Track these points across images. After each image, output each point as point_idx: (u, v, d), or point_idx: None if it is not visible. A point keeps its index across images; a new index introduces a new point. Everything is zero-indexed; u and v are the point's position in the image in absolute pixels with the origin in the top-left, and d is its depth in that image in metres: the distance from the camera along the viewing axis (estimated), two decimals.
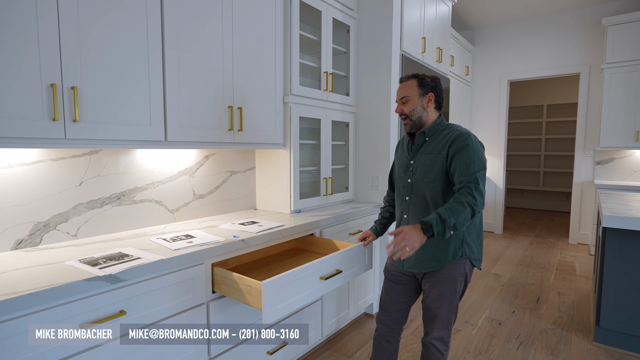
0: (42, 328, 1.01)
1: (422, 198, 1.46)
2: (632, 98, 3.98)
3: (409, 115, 1.48)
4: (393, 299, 1.60)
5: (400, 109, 1.50)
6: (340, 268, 1.56)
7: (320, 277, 1.47)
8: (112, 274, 1.14)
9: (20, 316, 0.98)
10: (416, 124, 1.48)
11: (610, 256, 2.16)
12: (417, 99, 1.46)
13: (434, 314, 1.47)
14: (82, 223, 1.58)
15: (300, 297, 1.38)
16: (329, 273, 1.51)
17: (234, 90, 1.84)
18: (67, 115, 1.25)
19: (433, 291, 1.46)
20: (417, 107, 1.46)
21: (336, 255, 1.54)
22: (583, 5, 4.40)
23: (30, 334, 0.99)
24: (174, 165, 1.91)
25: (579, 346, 2.24)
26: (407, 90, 1.48)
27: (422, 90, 1.46)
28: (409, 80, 1.49)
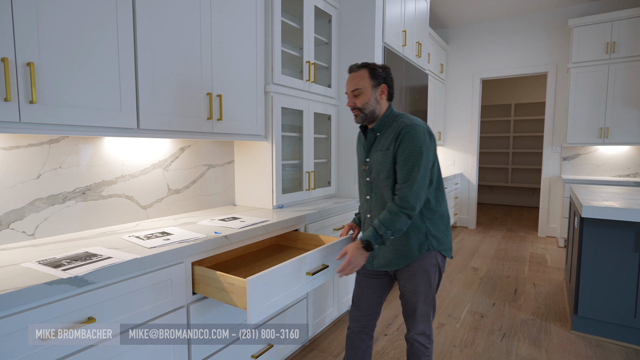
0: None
1: (381, 196, 1.40)
2: (596, 97, 4.16)
3: (362, 108, 1.38)
4: (365, 293, 1.54)
5: (353, 102, 1.39)
6: (327, 263, 1.48)
7: (307, 273, 1.38)
8: (79, 276, 1.00)
9: None
10: (368, 117, 1.40)
11: (587, 246, 2.22)
12: (370, 91, 1.37)
13: (412, 308, 1.43)
14: (40, 221, 1.40)
15: (287, 295, 1.28)
16: (316, 268, 1.42)
17: (212, 77, 1.71)
18: (22, 96, 1.09)
19: (408, 286, 1.42)
20: (371, 100, 1.37)
21: (322, 250, 1.45)
22: (550, 7, 4.57)
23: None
24: (146, 157, 1.76)
25: (559, 335, 2.28)
26: (358, 81, 1.38)
27: (375, 81, 1.37)
28: (359, 71, 1.39)
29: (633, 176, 4.29)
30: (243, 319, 1.56)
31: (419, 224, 1.37)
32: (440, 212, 1.40)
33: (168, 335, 1.27)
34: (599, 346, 2.15)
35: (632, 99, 4.00)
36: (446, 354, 2.07)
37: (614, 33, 4.03)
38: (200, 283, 1.34)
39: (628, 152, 4.31)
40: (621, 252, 2.13)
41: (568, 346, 2.16)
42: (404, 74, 2.93)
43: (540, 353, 2.08)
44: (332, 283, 2.23)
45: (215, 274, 1.27)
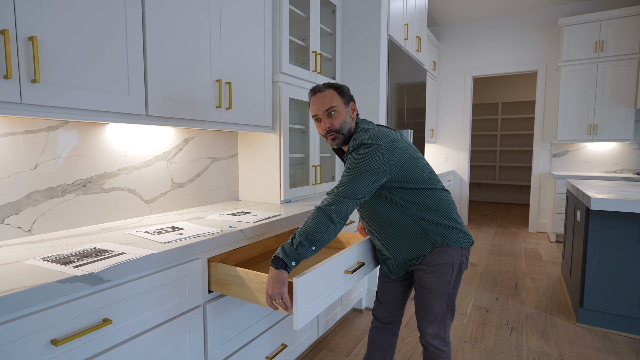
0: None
1: (365, 212, 1.35)
2: (586, 94, 4.26)
3: (339, 130, 1.28)
4: (388, 289, 1.48)
5: (329, 123, 1.27)
6: (363, 260, 1.41)
7: (345, 271, 1.29)
8: (94, 273, 0.89)
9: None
10: (346, 138, 1.30)
11: (593, 238, 2.23)
12: (344, 108, 1.29)
13: (425, 309, 1.34)
14: (38, 215, 1.27)
15: (329, 295, 1.19)
16: (353, 266, 1.34)
17: (221, 63, 1.61)
18: (23, 74, 0.97)
19: (422, 284, 1.33)
20: (347, 119, 1.29)
21: (357, 247, 1.36)
22: (541, 7, 4.65)
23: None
24: (150, 149, 1.64)
25: (565, 328, 2.29)
26: (331, 100, 1.27)
27: (344, 99, 1.30)
28: (326, 90, 1.29)
29: (620, 172, 4.41)
30: (258, 318, 1.48)
31: (409, 226, 1.27)
32: (434, 207, 1.27)
33: (185, 338, 1.17)
34: (606, 338, 2.16)
35: (620, 97, 4.11)
36: (458, 350, 2.04)
37: (602, 32, 4.13)
38: (220, 281, 1.25)
39: (615, 149, 4.42)
40: (626, 244, 2.15)
41: (575, 338, 2.16)
42: (405, 69, 2.89)
43: (550, 346, 2.08)
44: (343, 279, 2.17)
45: (245, 272, 1.18)
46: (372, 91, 2.44)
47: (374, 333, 1.54)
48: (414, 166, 1.25)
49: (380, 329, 1.52)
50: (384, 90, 2.48)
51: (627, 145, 4.35)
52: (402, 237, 1.29)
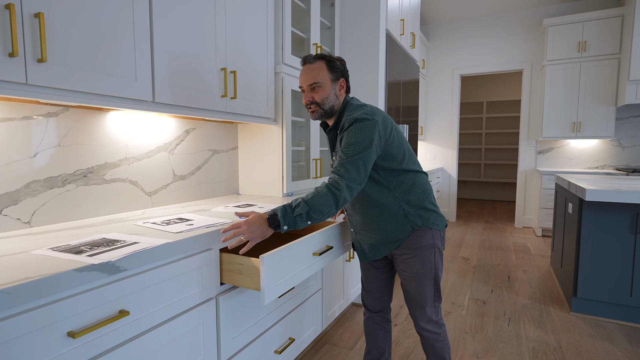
0: (15, 342, 0.70)
1: None
2: (569, 93, 4.39)
3: (320, 104, 1.28)
4: (372, 276, 1.49)
5: (310, 97, 1.28)
6: (331, 244, 1.42)
7: (314, 254, 1.31)
8: (111, 262, 0.85)
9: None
10: (327, 113, 1.30)
11: (586, 230, 2.29)
12: (330, 85, 1.28)
13: (414, 294, 1.34)
14: (37, 207, 1.20)
15: (296, 275, 1.21)
16: (322, 249, 1.36)
17: (226, 52, 1.57)
18: (29, 52, 0.92)
19: (407, 270, 1.33)
20: (330, 95, 1.28)
21: (327, 231, 1.39)
22: (526, 7, 4.77)
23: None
24: (151, 139, 1.59)
25: (560, 317, 2.35)
26: (317, 75, 1.27)
27: (333, 75, 1.28)
28: (316, 62, 1.28)
29: (602, 168, 4.57)
30: (266, 312, 1.45)
31: (392, 208, 1.28)
32: (416, 191, 1.29)
33: (199, 331, 1.13)
34: (599, 325, 2.23)
35: (601, 96, 4.26)
36: (460, 341, 2.06)
37: (585, 33, 4.27)
38: (232, 272, 1.21)
39: (597, 146, 4.58)
40: (618, 234, 2.22)
41: (571, 327, 2.22)
42: (401, 65, 2.91)
43: (547, 334, 2.12)
44: (343, 275, 2.15)
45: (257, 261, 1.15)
46: (371, 83, 2.44)
47: (368, 325, 1.56)
48: (399, 146, 1.27)
49: (372, 319, 1.54)
50: (382, 83, 2.48)
51: (608, 142, 4.51)
52: (384, 218, 1.29)
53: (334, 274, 2.04)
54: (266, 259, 1.05)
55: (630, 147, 4.41)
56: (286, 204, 1.14)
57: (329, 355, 1.92)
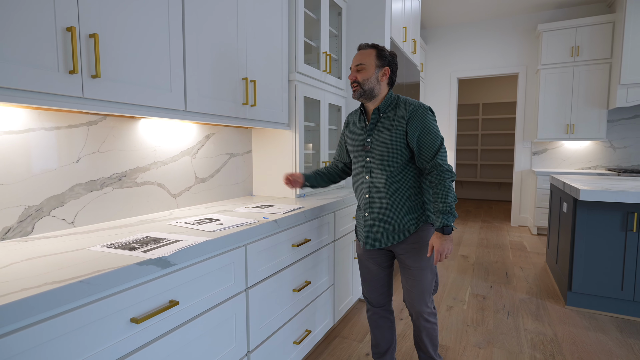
0: (91, 325, 0.80)
1: (382, 175, 1.42)
2: (563, 96, 4.55)
3: (361, 83, 1.41)
4: (372, 271, 1.57)
5: (354, 76, 1.42)
6: (309, 237, 1.63)
7: (292, 245, 1.55)
8: (164, 257, 0.95)
9: (66, 311, 0.76)
10: (366, 94, 1.42)
11: (580, 227, 2.43)
12: (373, 69, 1.40)
13: (420, 288, 1.45)
14: (79, 208, 1.31)
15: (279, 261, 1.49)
16: (299, 241, 1.59)
17: (247, 63, 1.68)
18: (85, 69, 1.02)
19: (413, 263, 1.44)
20: (372, 78, 1.40)
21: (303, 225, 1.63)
22: (522, 13, 4.92)
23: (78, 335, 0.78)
24: (176, 144, 1.69)
25: (555, 310, 2.48)
26: (364, 58, 1.41)
27: (380, 62, 1.41)
28: (367, 49, 1.43)
29: (594, 168, 4.73)
30: (286, 305, 1.56)
31: (417, 197, 1.42)
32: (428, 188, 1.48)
33: (232, 321, 1.24)
34: (592, 317, 2.37)
35: (593, 99, 4.42)
36: (463, 333, 2.18)
37: (578, 38, 4.43)
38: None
39: (590, 147, 4.74)
40: (609, 232, 2.36)
41: (566, 319, 2.35)
42: (403, 70, 3.03)
43: (544, 326, 2.26)
44: (352, 271, 2.27)
45: None
46: None
47: (375, 319, 1.63)
48: None
49: (377, 313, 1.62)
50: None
51: (600, 144, 4.68)
52: (407, 206, 1.42)
53: (345, 271, 2.15)
54: (250, 247, 1.17)
55: (622, 149, 4.57)
56: (438, 215, 1.34)
57: (340, 347, 2.03)
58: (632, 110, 4.48)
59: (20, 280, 0.77)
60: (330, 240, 1.96)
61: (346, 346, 2.04)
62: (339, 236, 2.07)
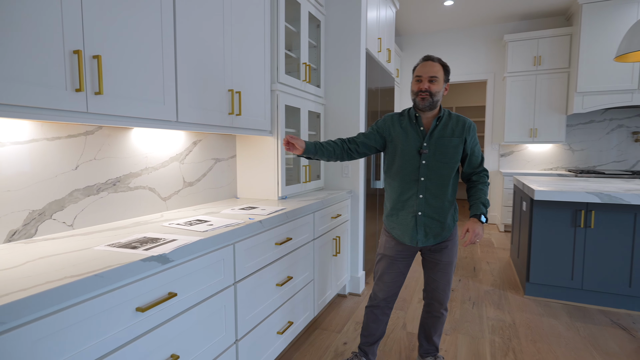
0: (103, 313, 0.93)
1: (439, 177, 1.59)
2: (527, 101, 4.88)
3: (433, 94, 1.54)
4: (400, 268, 1.70)
5: (428, 86, 1.54)
6: (290, 236, 1.80)
7: (276, 243, 1.70)
8: (165, 254, 1.09)
9: (83, 301, 0.89)
10: (433, 104, 1.57)
11: (536, 224, 2.69)
12: (442, 83, 1.56)
13: (446, 280, 1.69)
14: (78, 211, 1.41)
15: (264, 258, 1.66)
16: (282, 240, 1.76)
17: (232, 75, 1.82)
18: (89, 87, 1.14)
19: (445, 259, 1.66)
20: (440, 91, 1.57)
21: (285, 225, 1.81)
22: (489, 23, 5.24)
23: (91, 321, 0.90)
24: (165, 150, 1.81)
25: (515, 300, 2.73)
26: (437, 71, 1.55)
27: (445, 77, 1.58)
28: (436, 63, 1.55)
29: (555, 169, 5.10)
30: (271, 298, 1.71)
31: (452, 199, 1.63)
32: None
33: (222, 312, 1.38)
34: (547, 305, 2.63)
35: (554, 105, 4.77)
36: None
37: (540, 48, 4.77)
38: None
39: (551, 150, 5.11)
40: (561, 228, 2.63)
41: (524, 307, 2.61)
42: (379, 77, 3.22)
43: (504, 314, 2.50)
44: (331, 267, 2.44)
45: None
46: (353, 98, 2.74)
47: (377, 313, 1.76)
48: None
49: (382, 309, 1.76)
50: (363, 98, 2.79)
51: (561, 147, 5.04)
52: (452, 206, 1.64)
53: (324, 267, 2.32)
54: (238, 245, 1.32)
55: (579, 151, 4.95)
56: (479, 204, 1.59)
57: (320, 338, 2.20)
58: (588, 116, 4.87)
59: (42, 275, 0.89)
60: (311, 238, 2.12)
61: (325, 337, 2.21)
62: (319, 235, 2.23)
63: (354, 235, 2.82)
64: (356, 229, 2.81)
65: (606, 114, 4.77)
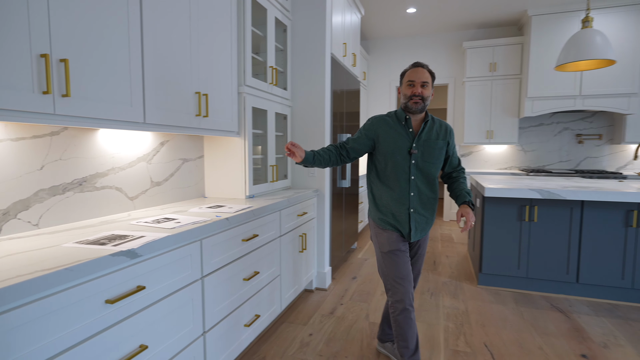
0: (73, 305, 0.98)
1: (426, 176, 1.71)
2: (484, 105, 5.21)
3: (425, 99, 1.67)
4: (407, 268, 1.70)
5: (421, 91, 1.66)
6: (257, 232, 1.91)
7: (242, 240, 1.79)
8: (133, 249, 1.15)
9: (54, 293, 0.94)
10: (424, 108, 1.69)
11: (488, 219, 2.92)
12: (431, 89, 1.70)
13: (418, 270, 1.86)
14: (44, 211, 1.43)
15: (230, 254, 1.73)
16: (249, 236, 1.85)
17: (199, 78, 1.88)
18: (56, 89, 1.18)
19: (421, 251, 1.82)
20: (430, 96, 1.70)
21: (252, 223, 1.90)
22: (450, 30, 5.53)
23: (60, 313, 0.96)
24: (132, 151, 1.84)
25: (469, 289, 2.96)
26: (427, 77, 1.67)
27: (433, 83, 1.72)
28: (426, 70, 1.68)
29: (510, 169, 5.46)
30: (238, 292, 1.79)
31: (437, 196, 1.77)
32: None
33: (189, 305, 1.45)
34: (497, 293, 2.87)
35: (508, 109, 5.12)
36: None
37: (495, 56, 5.10)
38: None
39: (506, 150, 5.47)
40: (509, 222, 2.87)
41: (476, 295, 2.83)
42: (344, 80, 3.36)
43: (458, 302, 2.70)
44: (297, 263, 2.54)
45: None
46: (319, 100, 2.86)
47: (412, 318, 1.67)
48: None
49: (411, 312, 1.67)
50: (328, 100, 2.91)
51: (514, 148, 5.41)
52: (436, 201, 1.77)
53: (290, 263, 2.42)
54: (205, 242, 1.40)
55: (530, 152, 5.34)
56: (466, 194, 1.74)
57: (287, 330, 2.29)
58: (537, 120, 5.26)
59: (12, 270, 0.93)
60: (277, 235, 2.21)
61: (292, 329, 2.31)
62: (285, 232, 2.33)
63: (320, 232, 2.94)
64: (322, 227, 2.93)
65: (554, 117, 5.18)
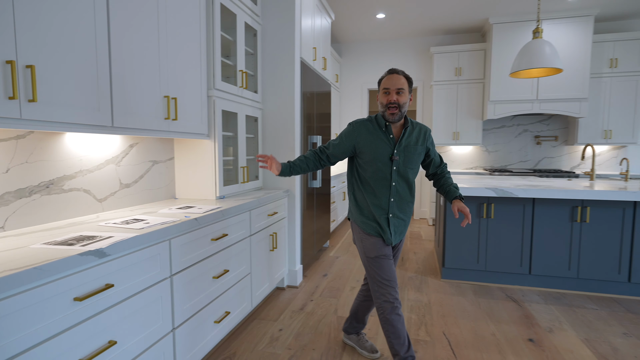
0: (41, 303, 1.03)
1: (406, 181, 1.75)
2: (450, 108, 5.45)
3: (401, 106, 1.64)
4: (393, 269, 1.74)
5: (396, 98, 1.63)
6: (226, 232, 1.98)
7: (212, 239, 1.86)
8: (101, 249, 1.20)
9: (23, 291, 0.98)
10: (401, 115, 1.67)
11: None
12: (407, 94, 1.66)
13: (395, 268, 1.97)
14: (9, 214, 1.44)
15: (199, 253, 1.79)
16: (218, 236, 1.92)
17: (168, 82, 1.92)
18: (22, 95, 1.21)
19: (398, 252, 1.90)
20: (407, 102, 1.67)
21: (221, 222, 1.97)
22: (418, 35, 5.75)
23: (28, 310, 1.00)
24: (101, 153, 1.86)
25: (433, 283, 3.12)
26: (403, 83, 1.64)
27: (409, 88, 1.68)
28: (401, 76, 1.65)
29: (475, 169, 5.74)
30: (207, 290, 1.85)
31: (414, 200, 1.83)
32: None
33: (158, 302, 1.50)
34: (458, 286, 3.05)
35: (472, 111, 5.38)
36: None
37: (460, 60, 5.35)
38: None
39: (471, 151, 5.74)
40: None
41: (440, 289, 2.99)
42: (314, 83, 3.46)
43: (422, 295, 2.86)
44: (268, 261, 2.62)
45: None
46: (289, 103, 2.94)
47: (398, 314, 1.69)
48: None
49: (400, 307, 1.71)
50: (298, 102, 3.00)
51: (479, 148, 5.69)
52: (412, 207, 1.82)
53: (261, 261, 2.49)
54: (174, 241, 1.47)
55: (494, 152, 5.63)
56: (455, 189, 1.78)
57: (258, 327, 2.37)
58: (499, 122, 5.55)
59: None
60: (247, 235, 2.28)
61: (263, 325, 2.38)
62: (255, 231, 2.40)
63: (291, 231, 3.02)
64: (293, 226, 3.02)
65: (514, 120, 5.49)
